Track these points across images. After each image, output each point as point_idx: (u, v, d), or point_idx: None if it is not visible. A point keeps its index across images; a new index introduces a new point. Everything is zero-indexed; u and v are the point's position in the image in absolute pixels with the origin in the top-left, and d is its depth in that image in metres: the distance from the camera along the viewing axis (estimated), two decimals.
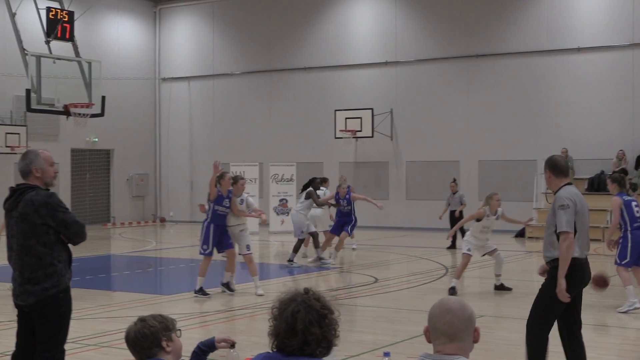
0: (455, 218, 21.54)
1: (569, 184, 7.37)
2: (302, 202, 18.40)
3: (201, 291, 13.26)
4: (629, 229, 12.31)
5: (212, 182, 13.38)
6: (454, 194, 22.21)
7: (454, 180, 22.90)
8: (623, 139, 25.83)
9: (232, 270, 13.73)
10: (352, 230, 18.48)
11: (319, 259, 17.90)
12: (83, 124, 21.77)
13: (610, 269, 18.76)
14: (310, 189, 18.43)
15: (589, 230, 7.39)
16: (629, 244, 12.28)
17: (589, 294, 10.58)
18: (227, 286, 13.66)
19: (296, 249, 17.85)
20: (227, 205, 13.43)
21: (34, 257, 5.97)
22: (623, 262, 12.31)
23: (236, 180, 13.65)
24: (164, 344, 3.95)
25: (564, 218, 7.07)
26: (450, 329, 3.42)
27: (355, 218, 18.44)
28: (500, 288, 14.20)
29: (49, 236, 5.99)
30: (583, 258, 7.20)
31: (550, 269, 7.29)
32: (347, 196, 18.39)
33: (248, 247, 13.66)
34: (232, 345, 4.40)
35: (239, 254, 13.77)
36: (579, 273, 7.16)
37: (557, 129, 26.90)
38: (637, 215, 12.36)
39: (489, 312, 11.66)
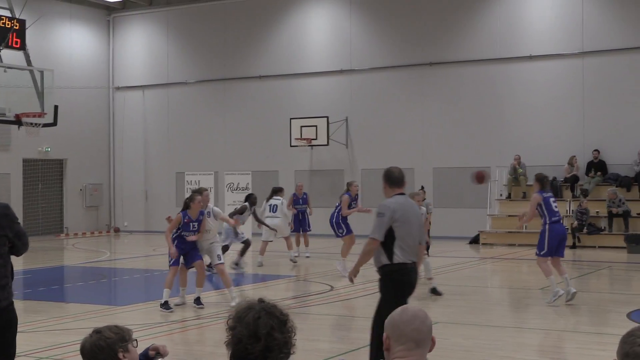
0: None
1: (402, 194, 7.88)
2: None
3: (165, 305, 12.86)
4: (547, 222, 13.38)
5: (169, 237, 13.10)
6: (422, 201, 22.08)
7: (422, 187, 22.66)
8: (574, 146, 26.24)
9: (201, 284, 13.33)
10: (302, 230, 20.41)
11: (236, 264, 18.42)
12: (35, 134, 21.53)
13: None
14: (246, 204, 18.74)
15: (417, 238, 7.78)
16: (547, 235, 13.35)
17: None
18: (198, 301, 13.18)
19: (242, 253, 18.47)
20: (196, 228, 13.10)
21: None
22: (541, 253, 13.39)
23: (200, 192, 13.43)
24: (120, 355, 3.93)
25: (375, 225, 7.66)
26: (419, 336, 3.48)
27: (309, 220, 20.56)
28: (434, 292, 14.35)
29: (4, 247, 5.92)
30: (408, 263, 7.64)
31: (381, 275, 7.84)
32: (304, 196, 21.37)
33: (219, 256, 13.48)
34: (159, 354, 4.34)
35: (209, 266, 13.77)
36: (403, 277, 7.65)
37: (510, 135, 27.23)
38: (556, 210, 13.47)
39: (443, 318, 11.75)
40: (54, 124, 21.76)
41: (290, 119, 29.32)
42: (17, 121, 20.76)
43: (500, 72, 27.57)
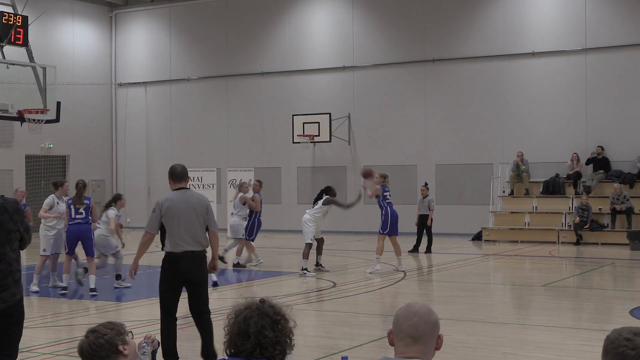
0: (424, 223, 21.80)
1: (181, 188, 8.68)
2: (317, 210, 17.73)
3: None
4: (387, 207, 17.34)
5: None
6: (424, 198, 22.30)
7: (426, 184, 22.95)
8: (577, 142, 26.20)
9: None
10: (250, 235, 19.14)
11: (318, 264, 17.65)
12: (38, 130, 21.51)
13: (565, 271, 19.04)
14: (328, 196, 17.91)
15: (185, 228, 8.44)
16: (389, 218, 17.35)
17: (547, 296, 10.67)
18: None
19: (306, 255, 17.12)
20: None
21: (6, 264, 5.94)
22: (385, 232, 17.26)
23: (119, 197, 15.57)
24: (120, 348, 3.95)
25: (149, 219, 8.70)
26: (416, 332, 3.47)
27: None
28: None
29: (17, 242, 6.03)
30: (176, 252, 8.41)
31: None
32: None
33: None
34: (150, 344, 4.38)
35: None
36: (170, 264, 8.45)
37: (513, 132, 27.20)
38: (388, 198, 17.54)
39: (445, 315, 11.73)
40: (57, 120, 21.75)
41: (293, 115, 29.31)
42: (20, 117, 20.75)
43: (503, 69, 27.53)
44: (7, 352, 6.03)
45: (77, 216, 14.50)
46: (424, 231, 22.04)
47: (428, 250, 21.76)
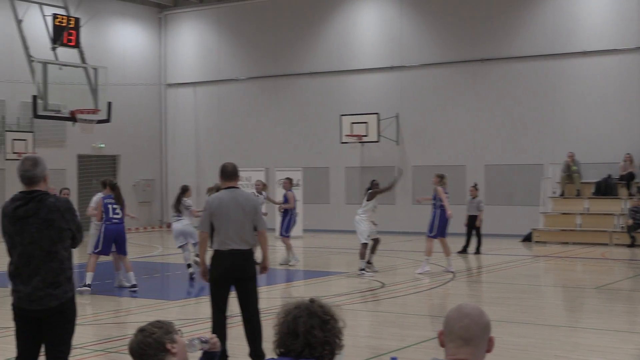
0: (473, 224, 21.64)
1: (231, 187, 8.69)
2: (364, 206, 17.59)
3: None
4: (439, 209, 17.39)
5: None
6: (473, 199, 22.16)
7: (475, 185, 22.80)
8: (630, 143, 25.74)
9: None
10: (286, 231, 19.32)
11: (369, 263, 17.35)
12: (89, 130, 21.83)
13: (618, 273, 18.71)
14: (370, 190, 17.71)
15: (233, 227, 8.51)
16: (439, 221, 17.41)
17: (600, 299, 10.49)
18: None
19: (362, 255, 16.91)
20: None
21: (58, 262, 6.02)
22: (431, 234, 17.46)
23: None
24: (168, 346, 3.97)
25: (201, 218, 8.89)
26: (467, 333, 3.46)
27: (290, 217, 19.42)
28: None
29: (69, 241, 6.10)
30: (223, 250, 8.51)
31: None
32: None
33: None
34: (206, 343, 4.33)
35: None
36: (218, 262, 8.55)
37: (564, 132, 26.84)
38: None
39: (496, 316, 11.61)
40: (108, 120, 22.04)
41: (341, 115, 29.28)
42: (72, 118, 21.06)
43: (554, 68, 27.18)
44: (60, 349, 6.11)
45: (115, 216, 14.57)
46: (473, 232, 21.88)
47: (477, 251, 21.60)
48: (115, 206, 14.55)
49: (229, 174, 8.74)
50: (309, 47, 31.67)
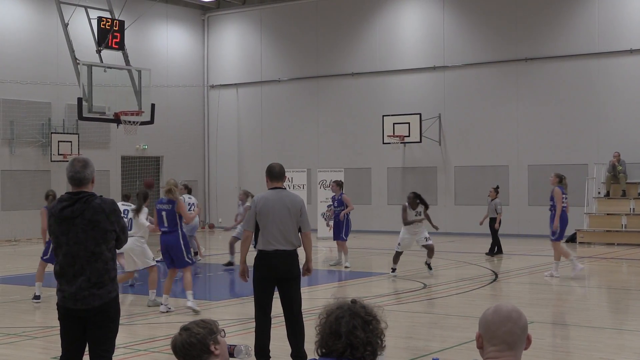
0: (492, 226, 20.98)
1: (277, 188, 8.75)
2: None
3: None
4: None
5: None
6: (492, 200, 21.24)
7: (496, 187, 21.94)
8: None
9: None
10: (346, 235, 18.91)
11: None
12: (133, 132, 22.01)
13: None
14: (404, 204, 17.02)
15: (278, 227, 8.50)
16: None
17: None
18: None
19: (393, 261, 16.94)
20: None
21: (102, 262, 6.11)
22: (554, 238, 16.43)
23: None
24: (212, 347, 3.99)
25: (246, 217, 9.13)
26: (511, 337, 3.46)
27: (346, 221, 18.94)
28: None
29: (113, 242, 6.18)
30: (267, 250, 8.51)
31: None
32: (339, 197, 19.16)
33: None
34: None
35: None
36: (262, 262, 8.57)
37: (609, 132, 26.50)
38: (564, 201, 16.73)
39: (539, 318, 11.51)
40: (151, 122, 22.20)
41: (383, 115, 29.23)
42: (116, 119, 21.27)
43: (599, 67, 26.84)
44: (104, 348, 6.19)
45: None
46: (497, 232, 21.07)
47: (495, 252, 20.88)
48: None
49: (276, 174, 8.79)
50: (351, 48, 31.67)
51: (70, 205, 6.11)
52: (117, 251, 6.60)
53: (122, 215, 6.33)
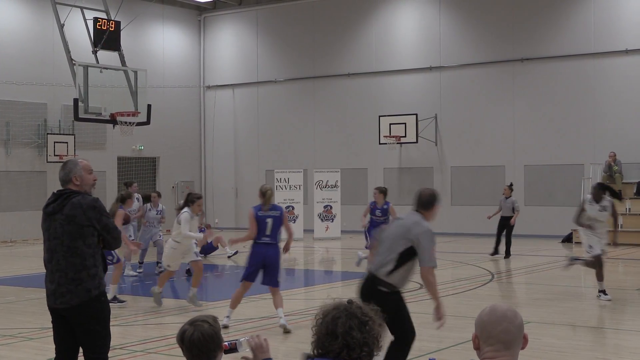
0: (505, 224, 20.66)
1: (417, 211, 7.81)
2: None
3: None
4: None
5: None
6: (507, 198, 20.91)
7: (510, 185, 21.80)
8: None
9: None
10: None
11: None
12: (129, 133, 22.00)
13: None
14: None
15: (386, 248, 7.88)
16: None
17: None
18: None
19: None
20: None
21: (79, 257, 6.06)
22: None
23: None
24: (223, 343, 3.99)
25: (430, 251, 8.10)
26: (507, 337, 3.45)
27: None
28: None
29: (93, 238, 6.14)
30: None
31: None
32: (385, 206, 17.87)
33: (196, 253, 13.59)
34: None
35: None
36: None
37: (605, 132, 26.54)
38: None
39: (535, 318, 11.52)
40: (147, 122, 22.21)
41: (379, 116, 29.24)
42: (112, 120, 21.26)
43: (595, 68, 26.88)
44: (92, 349, 6.08)
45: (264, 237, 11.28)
46: (503, 233, 20.80)
47: (507, 254, 20.64)
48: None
49: (423, 203, 8.09)
50: (347, 48, 31.68)
51: (53, 202, 6.21)
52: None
53: (106, 214, 6.20)
